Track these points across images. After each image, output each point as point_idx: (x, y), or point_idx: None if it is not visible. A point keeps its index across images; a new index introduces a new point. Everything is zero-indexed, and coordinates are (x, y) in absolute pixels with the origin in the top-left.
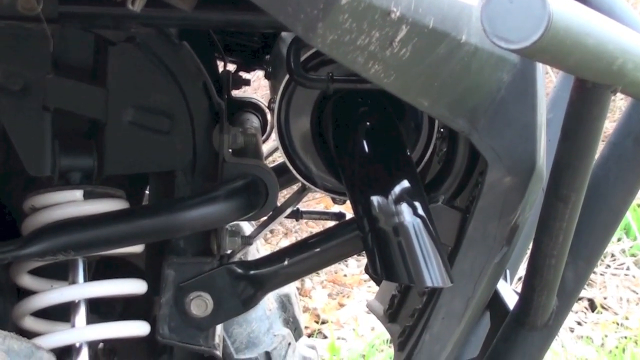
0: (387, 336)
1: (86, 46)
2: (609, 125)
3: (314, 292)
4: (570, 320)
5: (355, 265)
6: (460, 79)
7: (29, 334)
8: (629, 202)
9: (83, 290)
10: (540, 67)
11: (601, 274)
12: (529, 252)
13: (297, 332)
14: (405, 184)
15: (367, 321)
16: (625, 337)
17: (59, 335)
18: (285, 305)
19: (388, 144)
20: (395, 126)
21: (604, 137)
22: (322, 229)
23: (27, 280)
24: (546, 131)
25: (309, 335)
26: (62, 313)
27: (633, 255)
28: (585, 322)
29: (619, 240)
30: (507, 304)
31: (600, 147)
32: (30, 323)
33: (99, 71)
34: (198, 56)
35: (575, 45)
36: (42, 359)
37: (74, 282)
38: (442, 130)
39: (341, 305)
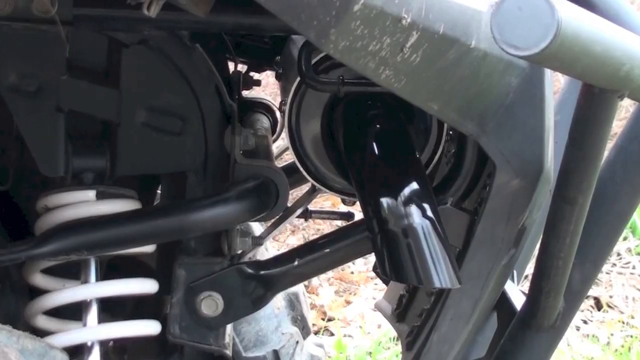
0: (394, 334)
1: (100, 48)
2: (615, 124)
3: (320, 289)
4: (576, 318)
5: (362, 263)
6: (469, 83)
7: (41, 333)
8: (635, 204)
9: (95, 289)
10: (548, 71)
11: (607, 273)
12: (536, 253)
13: (305, 331)
14: (414, 186)
15: (374, 319)
16: (631, 336)
17: (71, 334)
18: (293, 303)
19: (397, 146)
20: (404, 128)
21: (611, 137)
22: (329, 227)
23: (39, 280)
24: (554, 134)
25: (316, 333)
26: (72, 312)
27: (639, 254)
28: (591, 321)
29: (624, 239)
30: (514, 305)
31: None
32: (42, 322)
33: (112, 73)
34: (209, 57)
35: (583, 52)
36: (55, 358)
37: (86, 281)
38: (450, 132)
39: (348, 302)
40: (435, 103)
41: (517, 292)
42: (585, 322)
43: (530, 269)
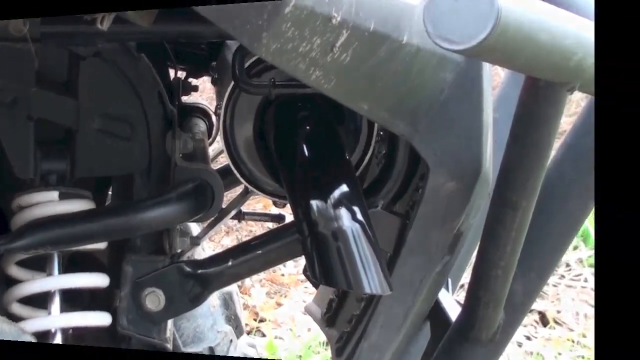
0: (324, 338)
1: (62, 61)
2: (563, 120)
3: (253, 290)
4: (518, 334)
5: (292, 266)
6: (401, 81)
7: (15, 319)
8: (588, 208)
9: (55, 281)
10: (487, 64)
11: (554, 285)
12: (473, 260)
13: (238, 330)
14: (344, 188)
15: (304, 322)
16: (582, 357)
17: (38, 322)
18: (227, 303)
19: (327, 148)
20: (334, 130)
21: (558, 135)
22: (261, 229)
23: (14, 271)
24: (493, 132)
25: (248, 333)
26: (43, 300)
27: (591, 265)
28: (536, 337)
29: (575, 248)
30: (449, 315)
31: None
32: (16, 309)
33: (72, 84)
34: (153, 66)
35: (526, 42)
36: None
37: (50, 274)
38: (381, 132)
39: (279, 304)
40: (365, 103)
41: (452, 302)
42: (528, 338)
43: (466, 278)
